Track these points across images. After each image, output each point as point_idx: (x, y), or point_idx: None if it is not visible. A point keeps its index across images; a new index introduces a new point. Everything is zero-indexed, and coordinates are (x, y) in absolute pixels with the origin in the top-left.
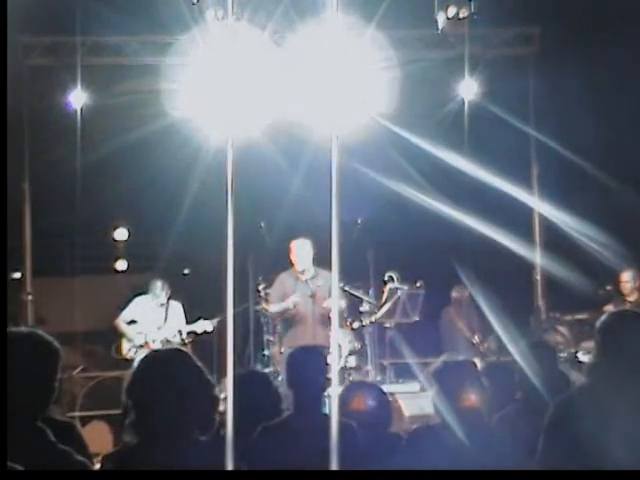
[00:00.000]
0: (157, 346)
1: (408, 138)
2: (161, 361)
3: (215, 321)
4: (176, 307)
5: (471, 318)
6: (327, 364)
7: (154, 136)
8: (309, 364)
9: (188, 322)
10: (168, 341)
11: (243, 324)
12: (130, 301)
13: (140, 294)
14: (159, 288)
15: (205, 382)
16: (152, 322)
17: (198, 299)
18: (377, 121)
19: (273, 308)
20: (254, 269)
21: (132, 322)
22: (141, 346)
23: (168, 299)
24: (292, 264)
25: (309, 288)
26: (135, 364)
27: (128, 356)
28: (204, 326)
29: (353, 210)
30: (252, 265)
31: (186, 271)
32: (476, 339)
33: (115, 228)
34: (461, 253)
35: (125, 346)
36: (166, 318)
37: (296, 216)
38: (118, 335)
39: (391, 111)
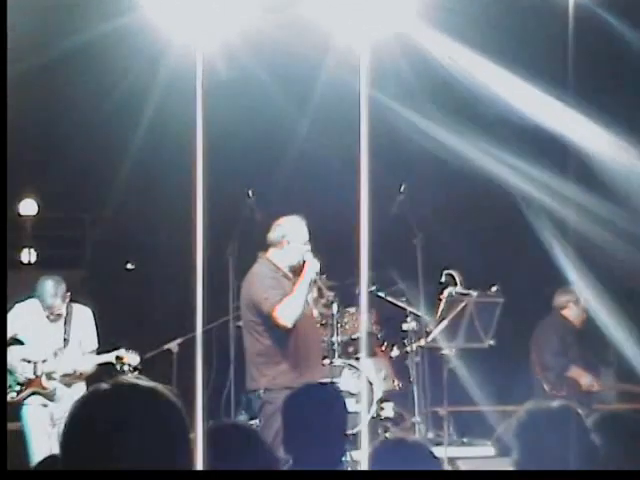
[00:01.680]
0: (54, 384)
1: (476, 59)
2: (127, 401)
3: (175, 344)
4: (82, 317)
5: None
6: (348, 412)
7: (86, 52)
8: (320, 413)
9: (104, 348)
10: (79, 375)
11: (219, 349)
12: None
13: (24, 299)
14: (50, 292)
15: (186, 439)
16: (44, 344)
17: (148, 308)
18: (427, 32)
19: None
20: (237, 262)
21: (16, 342)
22: (23, 384)
23: (69, 305)
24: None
25: (320, 293)
26: (71, 403)
27: (8, 398)
28: (126, 359)
29: (392, 171)
30: (234, 256)
31: (130, 265)
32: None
33: (19, 199)
34: (563, 241)
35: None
36: (67, 339)
37: (302, 179)
38: None
39: (446, 14)
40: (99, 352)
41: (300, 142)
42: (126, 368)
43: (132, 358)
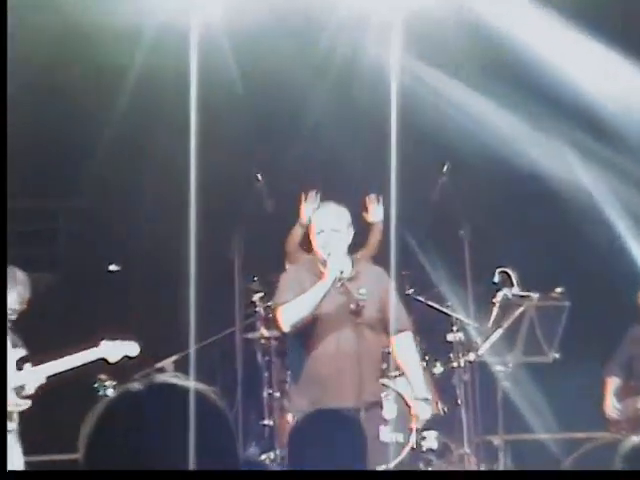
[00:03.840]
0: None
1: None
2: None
3: (169, 362)
4: None
5: None
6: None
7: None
8: (345, 444)
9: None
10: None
11: (223, 366)
12: None
13: None
14: (27, 283)
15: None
16: None
17: (136, 318)
18: None
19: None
20: (244, 260)
21: None
22: None
23: None
24: (311, 250)
25: (348, 296)
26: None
27: None
28: (119, 350)
29: (432, 151)
30: (240, 253)
31: (112, 267)
32: None
33: None
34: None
35: None
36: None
37: (321, 160)
38: None
39: None
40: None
41: (318, 115)
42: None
43: (129, 348)
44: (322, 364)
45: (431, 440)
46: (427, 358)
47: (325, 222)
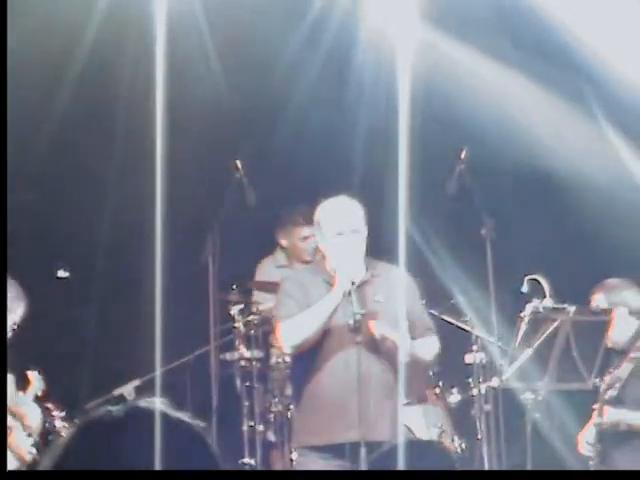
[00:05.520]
0: None
1: None
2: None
3: (130, 388)
4: None
5: None
6: None
7: None
8: None
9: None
10: None
11: (194, 393)
12: None
13: None
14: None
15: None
16: None
17: (89, 333)
18: None
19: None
20: (220, 265)
21: None
22: None
23: None
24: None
25: (361, 307)
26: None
27: None
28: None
29: (447, 129)
30: (215, 256)
31: (62, 273)
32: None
33: None
34: None
35: None
36: None
37: (314, 145)
38: None
39: None
40: None
41: (309, 90)
42: None
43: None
44: (325, 391)
45: None
46: (441, 384)
47: (343, 222)
